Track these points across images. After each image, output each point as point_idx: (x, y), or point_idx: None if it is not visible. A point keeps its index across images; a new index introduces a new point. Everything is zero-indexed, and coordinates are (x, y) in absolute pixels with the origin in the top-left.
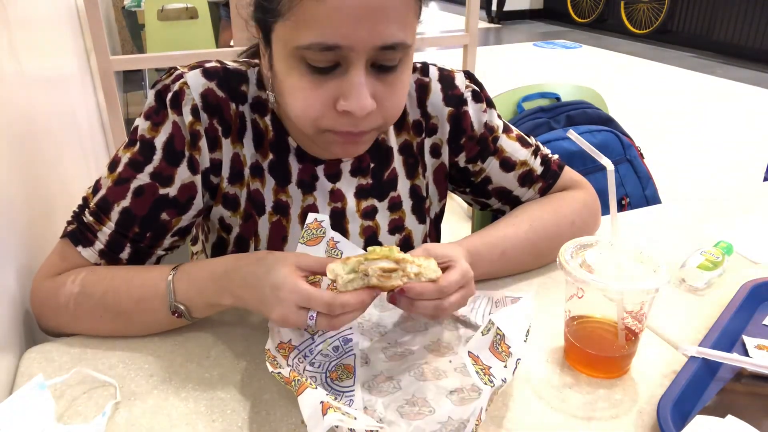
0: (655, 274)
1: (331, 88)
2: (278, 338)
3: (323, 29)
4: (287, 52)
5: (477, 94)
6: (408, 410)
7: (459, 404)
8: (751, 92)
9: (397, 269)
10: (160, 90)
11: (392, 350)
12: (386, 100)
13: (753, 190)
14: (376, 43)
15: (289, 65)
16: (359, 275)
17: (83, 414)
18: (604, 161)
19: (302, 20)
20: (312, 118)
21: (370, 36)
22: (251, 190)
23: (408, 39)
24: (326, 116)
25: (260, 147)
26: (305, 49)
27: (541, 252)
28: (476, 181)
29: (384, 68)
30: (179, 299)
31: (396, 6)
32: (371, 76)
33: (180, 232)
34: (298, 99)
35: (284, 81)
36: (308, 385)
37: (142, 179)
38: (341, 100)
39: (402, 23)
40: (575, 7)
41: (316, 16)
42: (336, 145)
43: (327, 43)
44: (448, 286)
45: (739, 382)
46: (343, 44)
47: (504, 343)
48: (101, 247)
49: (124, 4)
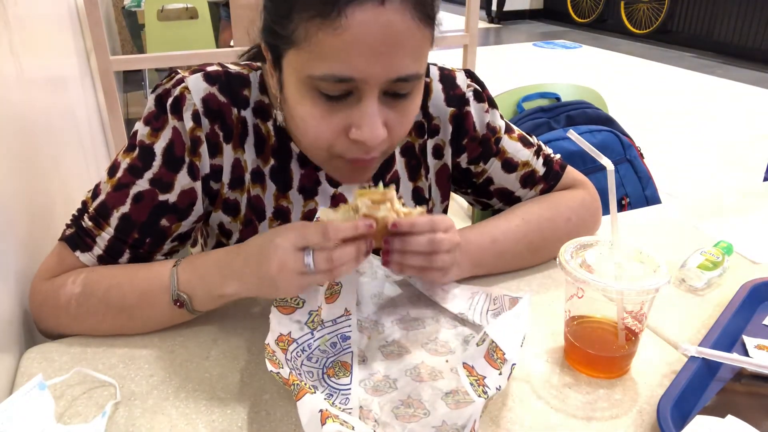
0: (655, 274)
1: (343, 117)
2: (278, 330)
3: (338, 62)
4: (299, 79)
5: (479, 94)
6: (403, 411)
7: (454, 407)
8: (751, 92)
9: (385, 201)
10: (160, 94)
11: (389, 348)
12: (397, 126)
13: (753, 190)
14: (391, 76)
15: (301, 92)
16: (350, 215)
17: (83, 414)
18: (604, 161)
19: (317, 51)
20: (323, 144)
21: (384, 70)
22: (252, 196)
23: (421, 69)
24: (337, 143)
25: (262, 152)
26: (318, 80)
27: (534, 245)
28: (478, 182)
29: (396, 95)
30: (182, 288)
31: (412, 39)
32: (383, 105)
33: (179, 238)
34: (310, 127)
35: (295, 107)
36: (307, 390)
37: (141, 185)
38: (353, 129)
39: (416, 55)
40: (575, 7)
41: (331, 48)
42: (345, 171)
43: (341, 75)
44: (439, 221)
45: (739, 382)
46: (358, 77)
47: (499, 350)
48: (100, 252)
49: (124, 4)
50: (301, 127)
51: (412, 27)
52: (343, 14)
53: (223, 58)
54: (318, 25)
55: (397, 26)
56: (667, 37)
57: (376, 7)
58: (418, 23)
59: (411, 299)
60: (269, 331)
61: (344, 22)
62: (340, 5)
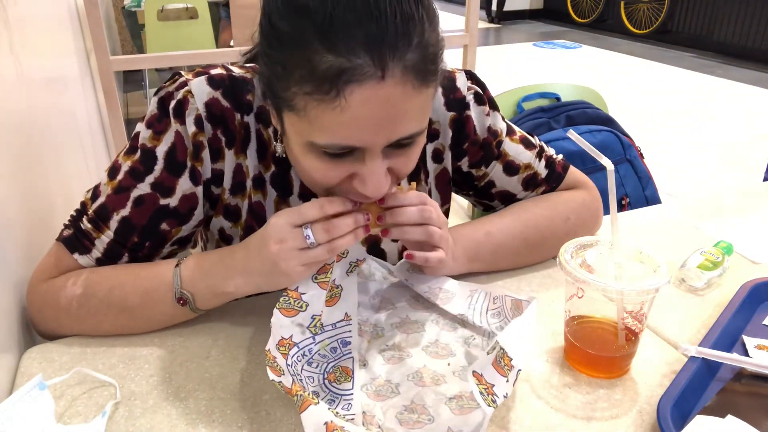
0: (655, 274)
1: (348, 167)
2: (279, 334)
3: (339, 135)
4: (301, 141)
5: (479, 97)
6: (407, 417)
7: (459, 413)
8: (751, 92)
9: None
10: (163, 97)
11: (390, 353)
12: (401, 168)
13: (753, 190)
14: (393, 140)
15: (304, 150)
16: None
17: (83, 414)
18: (604, 161)
19: (317, 123)
20: (326, 189)
21: (387, 137)
22: (253, 202)
23: (425, 122)
24: (341, 187)
25: (263, 158)
26: (320, 146)
27: (531, 242)
28: (479, 185)
29: (400, 146)
30: (185, 286)
31: (414, 105)
32: (387, 156)
33: (179, 242)
34: (314, 176)
35: (298, 158)
36: (311, 401)
37: (142, 189)
38: (358, 182)
39: (420, 115)
40: (575, 7)
41: (331, 124)
42: None
43: (343, 145)
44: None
45: (739, 382)
46: (360, 146)
47: (506, 357)
48: (98, 255)
49: (124, 4)
50: (302, 172)
51: (413, 95)
52: (342, 95)
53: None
54: (317, 101)
55: (399, 98)
56: (667, 37)
57: (376, 83)
58: (419, 88)
59: (410, 302)
60: (270, 336)
61: (344, 102)
62: (338, 86)
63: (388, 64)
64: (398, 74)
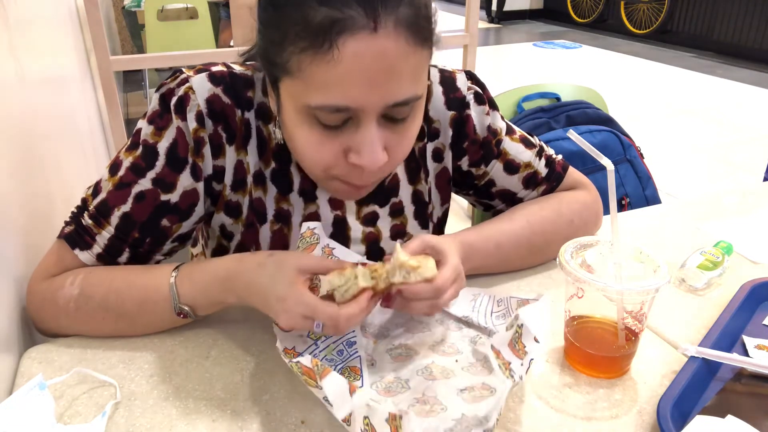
0: (655, 274)
1: (342, 141)
2: (284, 344)
3: (334, 92)
4: (296, 107)
5: (479, 96)
6: (420, 409)
7: (471, 402)
8: (751, 92)
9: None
10: (164, 93)
11: (397, 351)
12: (397, 147)
13: (753, 190)
14: (388, 102)
15: (298, 119)
16: (352, 281)
17: (83, 414)
18: (604, 161)
19: (311, 82)
20: (322, 168)
21: (382, 97)
22: (253, 198)
23: (419, 91)
24: (336, 167)
25: (263, 155)
26: (315, 109)
27: (537, 248)
28: (479, 185)
29: (396, 119)
30: (183, 301)
31: (408, 64)
32: (383, 128)
33: (180, 238)
34: (308, 151)
35: (293, 132)
36: (331, 370)
37: (143, 185)
38: (353, 154)
39: (414, 78)
40: (575, 7)
41: (326, 79)
42: (342, 191)
43: (338, 105)
44: (443, 285)
45: (739, 382)
46: (354, 106)
47: (521, 342)
48: (99, 251)
49: (124, 4)
50: (299, 152)
51: (407, 51)
52: (335, 46)
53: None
54: (311, 56)
55: (392, 53)
56: (667, 37)
57: (369, 35)
58: (413, 47)
59: None
60: (278, 339)
61: (337, 54)
62: (331, 37)
63: (381, 15)
64: (391, 27)
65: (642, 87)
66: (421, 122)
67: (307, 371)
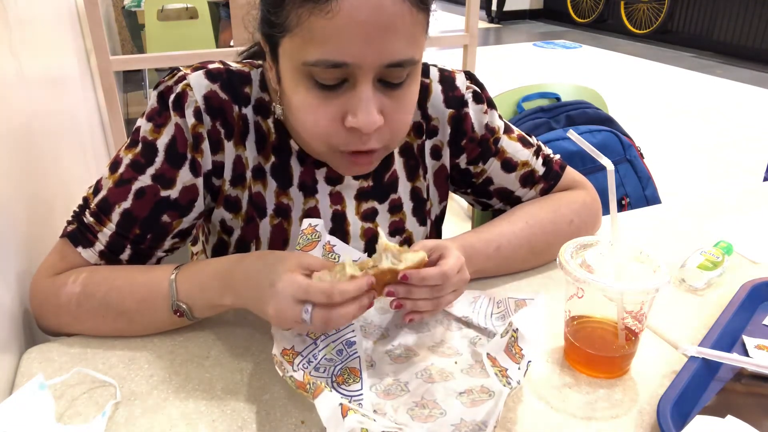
0: (655, 274)
1: (339, 104)
2: (282, 345)
3: (331, 46)
4: (294, 67)
5: (478, 95)
6: (418, 413)
7: (470, 406)
8: (751, 92)
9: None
10: (162, 91)
11: (396, 352)
12: (394, 114)
13: (753, 190)
14: (384, 61)
15: (296, 80)
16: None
17: (83, 414)
18: (604, 161)
19: (309, 36)
20: (321, 134)
21: (377, 54)
22: (253, 193)
23: (416, 55)
24: (335, 134)
25: (262, 149)
26: (312, 66)
27: (537, 249)
28: (477, 183)
29: (391, 84)
30: (181, 298)
31: (405, 23)
32: (378, 92)
33: (180, 234)
34: (306, 115)
35: (291, 97)
36: (324, 387)
37: (143, 181)
38: (349, 116)
39: (410, 40)
40: (575, 7)
41: (323, 33)
42: (346, 165)
43: (334, 60)
44: (450, 270)
45: (739, 382)
46: (351, 62)
47: (517, 345)
48: (101, 248)
49: (124, 4)
50: (297, 117)
51: (404, 10)
52: None
53: (223, 58)
54: (310, 9)
55: (389, 9)
56: (667, 37)
57: None
58: (410, 7)
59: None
60: (275, 342)
61: (335, 5)
62: None
63: None
64: None
65: (642, 87)
66: (417, 93)
67: (300, 385)
